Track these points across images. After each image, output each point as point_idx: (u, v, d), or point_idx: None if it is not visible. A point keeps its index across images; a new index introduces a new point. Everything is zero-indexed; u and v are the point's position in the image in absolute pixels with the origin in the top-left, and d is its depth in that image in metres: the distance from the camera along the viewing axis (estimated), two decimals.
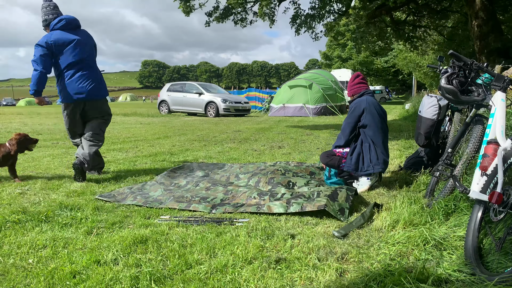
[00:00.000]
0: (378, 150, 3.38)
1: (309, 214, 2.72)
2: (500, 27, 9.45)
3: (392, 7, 10.76)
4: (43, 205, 2.93)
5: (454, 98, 2.49)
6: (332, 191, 2.92)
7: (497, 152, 1.93)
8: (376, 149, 3.38)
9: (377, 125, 3.39)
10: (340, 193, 2.88)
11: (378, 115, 3.43)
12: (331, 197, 2.79)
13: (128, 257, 2.01)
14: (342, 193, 2.89)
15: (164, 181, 3.73)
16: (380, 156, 3.37)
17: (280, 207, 2.74)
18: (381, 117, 3.45)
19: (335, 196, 2.82)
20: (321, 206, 2.65)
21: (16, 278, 1.80)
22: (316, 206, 2.66)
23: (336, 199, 2.79)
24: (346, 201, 2.80)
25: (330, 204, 2.69)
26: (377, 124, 3.40)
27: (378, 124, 3.40)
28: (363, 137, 3.43)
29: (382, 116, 3.48)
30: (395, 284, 1.68)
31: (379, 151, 3.38)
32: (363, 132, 3.43)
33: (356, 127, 3.48)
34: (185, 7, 10.69)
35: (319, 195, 2.86)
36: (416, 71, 25.90)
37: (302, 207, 2.70)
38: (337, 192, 2.90)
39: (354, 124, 3.47)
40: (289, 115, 15.02)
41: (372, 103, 3.44)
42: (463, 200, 2.49)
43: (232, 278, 1.79)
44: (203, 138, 7.75)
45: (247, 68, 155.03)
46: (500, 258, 1.82)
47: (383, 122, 3.47)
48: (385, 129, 3.49)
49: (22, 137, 3.81)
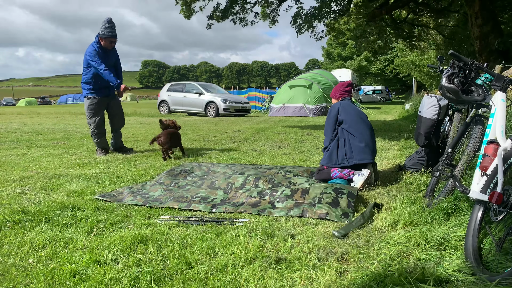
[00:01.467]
0: (355, 143, 3.51)
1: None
2: (500, 27, 9.46)
3: (393, 6, 10.77)
4: (43, 205, 2.92)
5: (456, 97, 2.49)
6: (333, 197, 2.88)
7: (497, 152, 1.93)
8: (352, 143, 3.53)
9: (352, 118, 3.59)
10: (341, 200, 2.85)
11: (353, 110, 3.65)
12: (333, 204, 2.78)
13: (128, 257, 2.01)
14: (343, 200, 2.85)
15: (164, 181, 3.72)
16: (357, 148, 3.49)
17: (281, 212, 2.75)
18: (355, 112, 3.65)
19: (337, 203, 2.80)
20: (322, 215, 2.64)
21: (16, 278, 1.80)
22: (318, 214, 2.66)
23: (339, 206, 2.78)
24: (349, 207, 2.78)
25: (332, 211, 2.68)
26: (352, 117, 3.60)
27: (353, 117, 3.60)
28: (340, 133, 3.63)
29: (357, 112, 3.68)
30: (395, 284, 1.68)
31: (356, 143, 3.51)
32: (341, 128, 3.63)
33: (336, 127, 3.68)
34: (187, 11, 10.74)
35: (320, 201, 2.84)
36: (416, 72, 25.94)
37: (303, 211, 2.70)
38: (338, 200, 2.86)
39: (333, 124, 3.68)
40: (289, 115, 15.02)
41: (346, 103, 3.71)
42: (463, 200, 2.49)
43: (232, 278, 1.79)
44: (203, 138, 7.75)
45: (247, 68, 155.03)
46: (500, 258, 1.82)
47: (359, 115, 3.65)
48: (363, 119, 3.64)
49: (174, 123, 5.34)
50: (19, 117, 14.46)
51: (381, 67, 41.48)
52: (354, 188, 3.09)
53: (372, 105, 26.77)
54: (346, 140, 3.55)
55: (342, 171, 3.46)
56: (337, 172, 3.47)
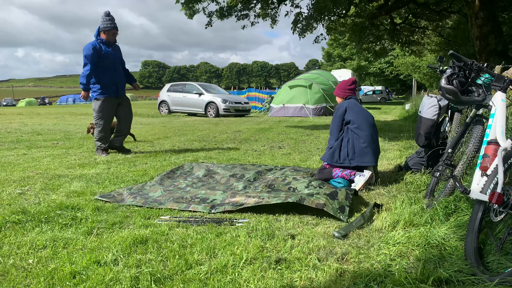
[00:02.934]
0: (359, 145, 3.49)
1: (309, 214, 2.72)
2: (500, 27, 9.46)
3: (392, 7, 10.78)
4: (43, 205, 2.92)
5: (455, 98, 2.49)
6: (332, 190, 2.95)
7: (497, 152, 1.92)
8: (355, 144, 3.50)
9: (359, 119, 3.55)
10: (340, 192, 2.90)
11: (361, 111, 3.60)
12: (331, 196, 2.80)
13: (128, 258, 2.01)
14: (341, 192, 2.91)
15: (163, 181, 3.72)
16: (360, 150, 3.47)
17: (278, 200, 2.78)
18: (363, 114, 3.60)
19: (335, 195, 2.83)
20: (319, 205, 2.65)
21: (16, 278, 1.79)
22: (315, 203, 2.67)
23: (336, 198, 2.80)
24: (346, 199, 2.81)
25: (330, 203, 2.69)
26: (360, 119, 3.55)
27: (361, 119, 3.55)
28: (345, 133, 3.59)
29: (364, 113, 3.63)
30: (395, 285, 1.68)
31: (359, 145, 3.48)
32: (347, 128, 3.60)
33: (342, 126, 3.64)
34: (190, 11, 10.75)
35: (319, 193, 2.87)
36: (416, 74, 25.97)
37: (301, 199, 2.72)
38: (337, 191, 2.92)
39: (340, 124, 3.64)
40: (289, 115, 15.02)
41: (353, 103, 3.66)
42: (463, 200, 2.49)
43: (232, 279, 1.79)
44: (203, 138, 7.75)
45: (247, 69, 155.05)
46: (500, 259, 1.82)
47: (366, 117, 3.60)
48: (370, 122, 3.60)
49: None
50: (19, 118, 14.46)
51: (380, 67, 41.50)
52: (351, 189, 3.11)
53: (372, 105, 26.77)
54: (350, 140, 3.54)
55: (343, 171, 3.46)
56: (339, 172, 3.48)
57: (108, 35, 5.05)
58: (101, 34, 5.06)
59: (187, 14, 10.88)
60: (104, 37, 5.06)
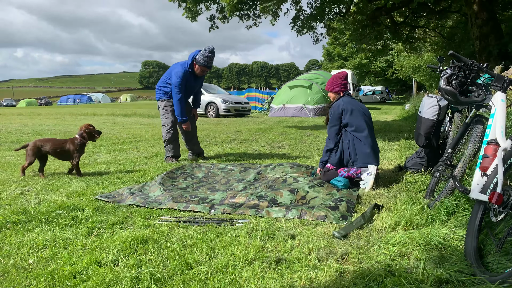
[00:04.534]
0: (360, 147, 3.49)
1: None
2: (500, 27, 9.46)
3: (392, 7, 10.79)
4: (43, 205, 2.93)
5: (454, 99, 2.49)
6: (333, 204, 2.89)
7: (497, 152, 1.93)
8: (357, 147, 3.50)
9: (357, 122, 3.52)
10: (341, 206, 2.84)
11: (358, 112, 3.56)
12: (332, 208, 2.78)
13: (129, 258, 2.01)
14: (342, 206, 2.85)
15: (163, 181, 3.72)
16: (362, 153, 3.47)
17: (279, 213, 2.74)
18: (360, 114, 3.56)
19: (336, 208, 2.80)
20: (320, 217, 2.64)
21: (17, 278, 1.80)
22: (316, 216, 2.66)
23: (338, 209, 2.77)
24: (348, 211, 2.78)
25: (331, 214, 2.68)
26: (358, 121, 3.52)
27: (359, 121, 3.52)
28: (344, 135, 3.59)
29: (361, 112, 3.59)
30: (395, 285, 1.68)
31: (361, 147, 3.49)
32: (345, 130, 3.59)
33: (340, 129, 3.62)
34: (192, 14, 10.74)
35: (320, 206, 2.83)
36: (416, 75, 25.97)
37: (301, 214, 2.70)
38: (338, 205, 2.85)
39: (337, 126, 3.62)
40: (289, 115, 15.02)
41: (347, 102, 3.61)
42: (464, 200, 2.49)
43: (232, 279, 1.79)
44: (203, 138, 7.75)
45: (247, 69, 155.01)
46: (500, 259, 1.82)
47: (364, 118, 3.57)
48: (367, 122, 3.58)
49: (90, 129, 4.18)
50: (20, 118, 14.46)
51: (380, 66, 41.48)
52: (353, 195, 3.11)
53: (372, 106, 26.77)
54: (350, 141, 3.54)
55: (349, 170, 3.48)
56: (344, 172, 3.48)
57: (198, 69, 4.98)
58: (194, 63, 4.98)
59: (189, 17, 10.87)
60: (195, 69, 4.99)
